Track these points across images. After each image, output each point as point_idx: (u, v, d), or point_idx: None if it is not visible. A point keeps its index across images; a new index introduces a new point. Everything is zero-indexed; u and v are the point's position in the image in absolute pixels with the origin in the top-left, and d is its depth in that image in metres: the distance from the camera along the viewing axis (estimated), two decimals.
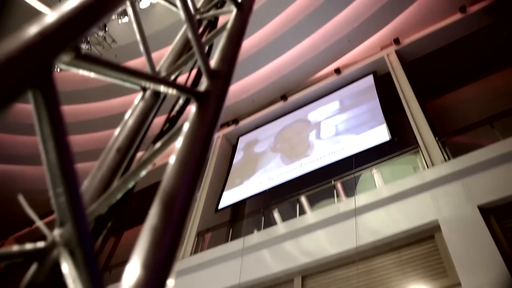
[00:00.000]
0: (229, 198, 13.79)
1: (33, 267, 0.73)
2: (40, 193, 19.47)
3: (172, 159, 0.73)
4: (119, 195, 0.87)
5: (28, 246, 0.73)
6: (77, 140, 19.26)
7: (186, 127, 0.83)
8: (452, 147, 10.55)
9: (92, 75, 0.89)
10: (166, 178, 0.64)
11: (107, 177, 0.92)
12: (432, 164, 9.80)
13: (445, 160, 9.66)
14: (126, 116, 1.09)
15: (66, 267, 0.67)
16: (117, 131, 1.04)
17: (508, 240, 7.84)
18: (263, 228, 11.74)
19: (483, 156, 8.89)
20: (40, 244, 0.75)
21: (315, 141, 13.62)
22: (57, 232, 0.79)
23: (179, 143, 0.78)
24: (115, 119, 17.59)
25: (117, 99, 18.97)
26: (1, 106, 0.50)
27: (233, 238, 12.24)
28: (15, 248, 0.71)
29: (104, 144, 8.90)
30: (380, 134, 11.55)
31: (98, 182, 0.83)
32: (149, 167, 0.93)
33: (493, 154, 8.79)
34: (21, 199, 0.95)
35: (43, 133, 0.59)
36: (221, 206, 13.70)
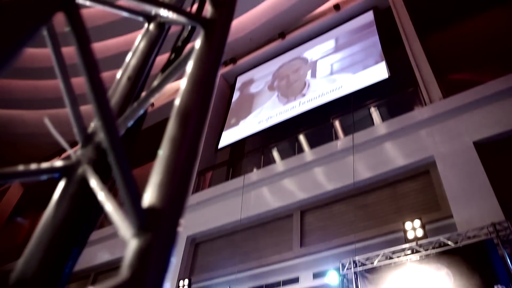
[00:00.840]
0: (228, 137, 13.93)
1: (62, 182, 0.80)
2: (41, 137, 19.61)
3: (183, 81, 0.79)
4: (132, 121, 0.93)
5: (56, 163, 0.80)
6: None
7: (194, 53, 0.88)
8: (451, 84, 10.53)
9: (97, 6, 0.92)
10: (181, 96, 0.69)
11: (120, 103, 0.97)
12: (430, 102, 9.83)
13: (443, 97, 9.68)
14: (134, 47, 1.13)
15: (94, 182, 0.75)
16: (126, 60, 1.09)
17: (501, 174, 8.07)
18: (263, 166, 11.98)
19: (481, 93, 8.91)
20: (66, 162, 0.82)
21: (311, 80, 13.56)
22: (79, 152, 0.86)
23: (189, 67, 0.83)
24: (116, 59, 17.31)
25: (119, 38, 18.48)
26: (35, 27, 0.54)
27: (233, 177, 12.53)
28: (45, 164, 0.78)
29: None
30: (379, 71, 11.46)
31: (112, 108, 0.88)
32: (157, 96, 0.98)
33: (490, 91, 8.80)
34: (47, 121, 1.01)
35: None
36: (220, 145, 13.88)
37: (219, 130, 14.57)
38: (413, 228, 7.54)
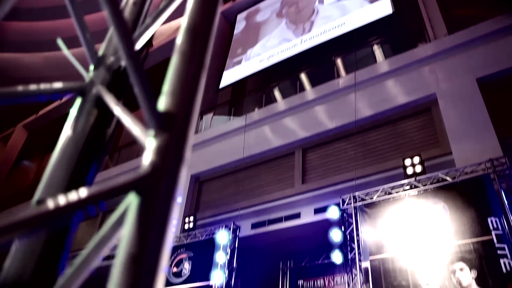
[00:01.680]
0: (229, 77, 13.83)
1: (78, 102, 0.85)
2: (38, 82, 19.45)
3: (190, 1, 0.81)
4: (140, 44, 0.96)
5: (71, 83, 0.84)
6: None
7: None
8: (456, 20, 10.27)
9: None
10: (189, 13, 0.71)
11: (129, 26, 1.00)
12: (435, 38, 9.65)
13: (448, 33, 9.49)
14: None
15: (109, 98, 0.79)
16: None
17: (502, 111, 8.10)
18: (264, 105, 12.01)
19: (486, 29, 8.72)
20: (81, 83, 0.86)
21: (319, 6, 13.23)
22: (92, 74, 0.90)
23: None
24: None
25: None
26: None
27: (235, 116, 12.60)
28: (59, 84, 0.82)
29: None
30: (384, 7, 11.13)
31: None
32: (165, 16, 1.00)
33: (495, 27, 8.61)
34: (60, 42, 1.03)
35: None
36: (222, 85, 13.81)
37: (220, 70, 14.43)
38: (412, 164, 7.70)
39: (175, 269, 10.06)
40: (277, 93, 13.10)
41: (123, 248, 0.46)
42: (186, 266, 9.93)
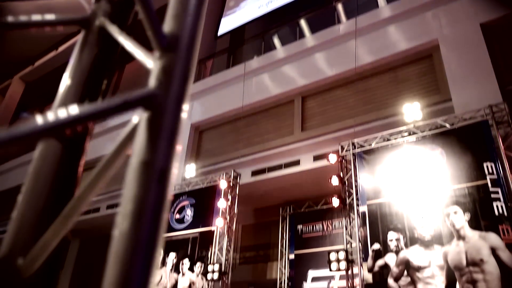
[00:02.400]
0: (227, 24, 13.54)
1: (82, 34, 0.87)
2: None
3: None
4: None
5: (74, 16, 0.85)
6: None
7: None
8: None
9: None
10: None
11: None
12: None
13: None
14: None
15: (112, 28, 0.81)
16: None
17: (504, 57, 8.02)
18: (263, 53, 11.85)
19: None
20: (84, 15, 0.87)
21: None
22: (94, 6, 0.91)
23: None
24: None
25: None
26: None
27: (234, 65, 12.46)
28: (62, 16, 0.83)
29: None
30: None
31: None
32: None
33: None
34: None
35: None
36: (220, 32, 13.55)
37: (218, 17, 14.10)
38: (411, 111, 7.73)
39: (177, 216, 10.36)
40: (276, 41, 12.89)
41: (135, 157, 0.51)
42: (188, 213, 10.22)
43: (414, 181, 7.34)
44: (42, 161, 0.69)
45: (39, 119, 0.47)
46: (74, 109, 0.48)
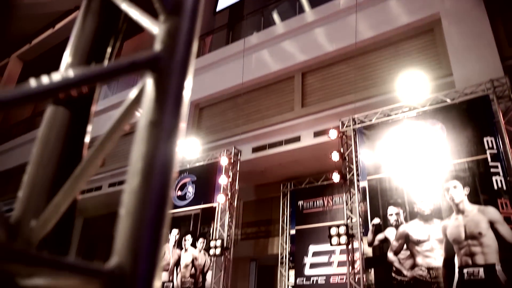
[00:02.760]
0: None
1: (84, 2, 0.87)
2: (31, 9, 18.75)
3: None
4: None
5: None
6: None
7: None
8: None
9: None
10: None
11: None
12: None
13: None
14: None
15: None
16: None
17: (506, 31, 7.93)
18: (263, 28, 11.72)
19: None
20: None
21: None
22: None
23: None
24: None
25: None
26: None
27: (233, 41, 12.35)
28: None
29: None
30: None
31: None
32: None
33: None
34: None
35: None
36: (219, 8, 13.37)
37: None
38: (412, 86, 7.70)
39: (179, 193, 10.45)
40: (276, 16, 12.72)
41: (144, 118, 0.52)
42: (190, 190, 10.30)
43: (414, 156, 7.38)
44: (50, 127, 0.70)
45: (46, 79, 0.48)
46: (82, 70, 0.49)
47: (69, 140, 0.70)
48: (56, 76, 0.48)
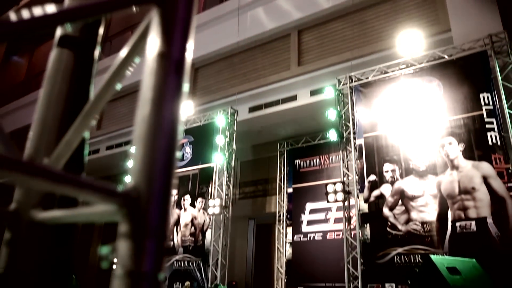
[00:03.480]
0: None
1: None
2: None
3: None
4: None
5: None
6: None
7: None
8: None
9: None
10: None
11: None
12: None
13: None
14: None
15: None
16: None
17: None
18: None
19: None
20: None
21: None
22: None
23: None
24: None
25: None
26: None
27: None
28: None
29: None
30: None
31: None
32: None
33: None
34: None
35: None
36: None
37: None
38: (410, 42, 7.62)
39: None
40: None
41: (152, 50, 0.53)
42: (188, 150, 10.37)
43: (410, 113, 7.41)
44: (56, 69, 0.71)
45: (53, 8, 0.48)
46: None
47: (75, 81, 0.71)
48: (65, 4, 0.49)
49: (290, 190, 10.91)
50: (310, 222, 10.29)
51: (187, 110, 10.55)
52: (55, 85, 0.70)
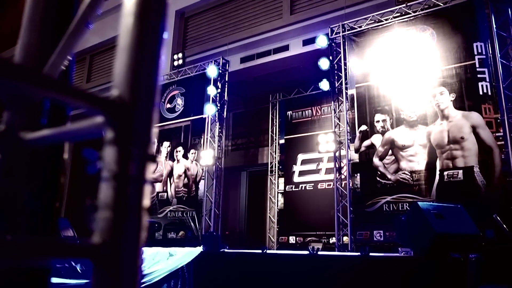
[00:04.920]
0: None
1: None
2: None
3: None
4: None
5: None
6: None
7: None
8: None
9: None
10: None
11: None
12: None
13: None
14: None
15: None
16: None
17: None
18: None
19: None
20: None
21: None
22: None
23: None
24: None
25: None
26: None
27: None
28: None
29: None
30: None
31: None
32: None
33: None
34: None
35: None
36: None
37: None
38: None
39: (168, 105, 10.45)
40: None
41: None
42: (179, 102, 10.30)
43: (403, 63, 7.36)
44: None
45: None
46: None
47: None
48: None
49: (282, 141, 11.00)
50: (301, 173, 10.45)
51: (178, 61, 10.39)
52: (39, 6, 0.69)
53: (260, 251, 5.58)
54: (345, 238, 7.52)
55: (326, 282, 4.90)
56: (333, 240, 8.53)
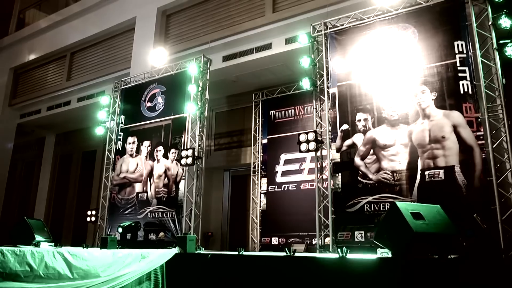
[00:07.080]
0: None
1: None
2: None
3: None
4: None
5: None
6: None
7: None
8: None
9: None
10: None
11: None
12: None
13: None
14: None
15: None
16: None
17: None
18: None
19: None
20: None
21: None
22: None
23: None
24: None
25: None
26: None
27: None
28: None
29: None
30: None
31: None
32: None
33: None
34: None
35: None
36: None
37: None
38: None
39: (149, 104, 10.26)
40: None
41: None
42: (160, 101, 10.11)
43: (384, 62, 7.29)
44: None
45: None
46: None
47: None
48: None
49: (265, 141, 10.88)
50: (284, 173, 10.35)
51: (159, 59, 10.20)
52: None
53: (236, 252, 5.43)
54: (327, 239, 7.39)
55: (303, 284, 4.76)
56: (316, 241, 8.41)
